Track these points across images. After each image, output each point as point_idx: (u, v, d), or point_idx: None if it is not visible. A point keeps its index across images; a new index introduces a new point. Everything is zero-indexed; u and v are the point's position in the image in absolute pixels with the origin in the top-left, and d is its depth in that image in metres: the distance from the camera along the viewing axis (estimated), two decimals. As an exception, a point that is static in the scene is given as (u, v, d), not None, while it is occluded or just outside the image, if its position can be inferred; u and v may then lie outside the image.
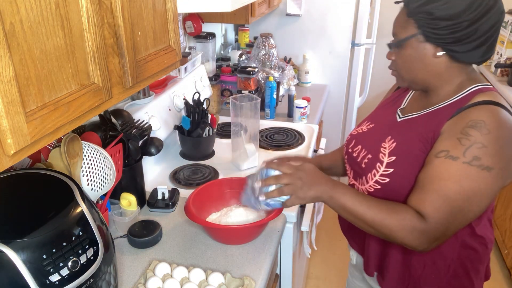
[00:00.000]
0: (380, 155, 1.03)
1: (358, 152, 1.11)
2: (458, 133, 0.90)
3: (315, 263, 2.55)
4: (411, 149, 0.98)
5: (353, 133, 1.18)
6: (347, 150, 1.16)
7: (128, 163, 1.33)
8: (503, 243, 2.49)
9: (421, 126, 0.99)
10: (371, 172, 1.03)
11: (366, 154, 1.07)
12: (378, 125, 1.12)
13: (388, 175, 0.99)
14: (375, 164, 1.03)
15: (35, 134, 0.66)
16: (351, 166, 1.14)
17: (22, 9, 0.62)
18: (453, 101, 0.97)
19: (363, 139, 1.12)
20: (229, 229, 1.20)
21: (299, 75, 2.69)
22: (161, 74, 1.10)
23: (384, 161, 1.01)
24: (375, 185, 1.02)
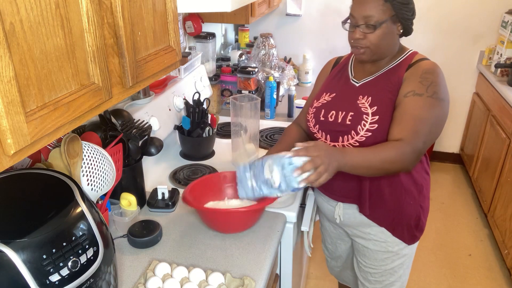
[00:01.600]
0: (361, 109, 1.26)
1: (334, 116, 1.31)
2: (418, 77, 1.22)
3: (315, 263, 2.55)
4: (384, 98, 1.25)
5: (316, 105, 1.37)
6: (318, 120, 1.35)
7: (128, 163, 1.33)
8: (503, 243, 2.49)
9: (383, 81, 1.28)
10: (360, 124, 1.25)
11: (347, 114, 1.28)
12: (340, 93, 1.35)
13: (376, 122, 1.24)
14: (361, 117, 1.26)
15: (35, 134, 0.66)
16: (328, 130, 1.33)
17: (22, 9, 0.62)
18: (401, 60, 1.29)
19: (333, 105, 1.33)
20: (227, 213, 1.23)
21: (299, 75, 2.69)
22: (161, 74, 1.10)
23: (369, 113, 1.25)
24: (366, 134, 1.25)
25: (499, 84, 2.83)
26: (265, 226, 1.30)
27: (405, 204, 1.34)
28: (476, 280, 2.43)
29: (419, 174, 1.36)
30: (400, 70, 1.27)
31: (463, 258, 2.60)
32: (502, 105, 2.70)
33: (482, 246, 2.71)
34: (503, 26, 3.02)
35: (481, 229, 2.87)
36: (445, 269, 2.49)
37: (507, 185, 2.52)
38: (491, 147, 2.87)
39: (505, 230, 2.49)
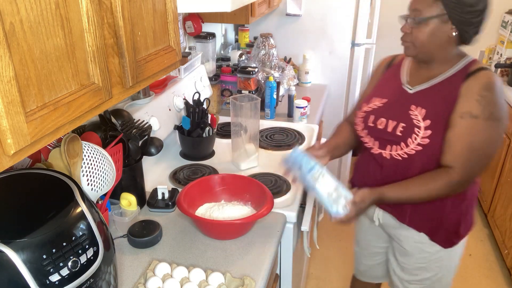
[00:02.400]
0: (413, 121, 1.22)
1: (384, 124, 1.28)
2: (475, 94, 1.14)
3: (315, 263, 2.55)
4: (439, 111, 1.19)
5: (366, 109, 1.34)
6: (366, 125, 1.33)
7: (128, 163, 1.33)
8: (503, 243, 2.49)
9: (438, 92, 1.21)
10: (410, 137, 1.22)
11: (398, 124, 1.25)
12: (391, 99, 1.30)
13: (428, 137, 1.19)
14: (413, 129, 1.21)
15: (35, 134, 0.66)
16: (376, 137, 1.31)
17: (22, 9, 0.62)
18: (457, 69, 1.20)
19: (384, 112, 1.29)
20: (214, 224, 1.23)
21: (299, 75, 2.69)
22: (161, 74, 1.10)
23: (421, 126, 1.20)
24: (417, 147, 1.22)
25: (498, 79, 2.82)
26: (265, 226, 1.30)
27: (447, 212, 1.30)
28: (476, 280, 2.43)
29: None
30: (457, 80, 1.18)
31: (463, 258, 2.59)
32: (502, 105, 2.70)
33: (482, 246, 2.71)
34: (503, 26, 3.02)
35: (481, 229, 2.87)
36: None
37: (507, 185, 2.52)
38: (491, 147, 2.86)
39: (505, 230, 2.49)
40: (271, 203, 1.26)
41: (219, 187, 1.40)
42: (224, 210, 1.30)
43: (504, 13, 3.05)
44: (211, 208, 1.32)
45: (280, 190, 1.52)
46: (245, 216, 1.28)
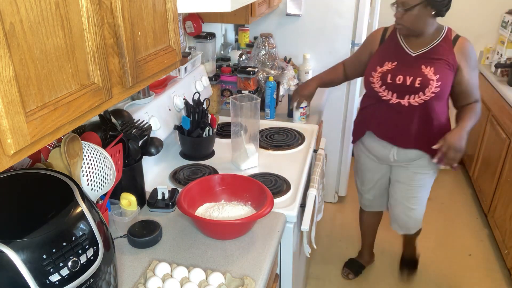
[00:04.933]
0: (428, 75, 1.70)
1: (402, 79, 1.74)
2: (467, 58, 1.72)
3: (315, 263, 2.55)
4: (443, 69, 1.70)
5: (381, 70, 1.79)
6: (385, 82, 1.78)
7: (128, 163, 1.33)
8: (503, 243, 2.49)
9: (436, 53, 1.71)
10: (427, 87, 1.71)
11: (415, 78, 1.72)
12: (400, 61, 1.76)
13: (438, 86, 1.71)
14: (428, 82, 1.71)
15: (35, 134, 0.66)
16: (395, 90, 1.77)
17: (22, 9, 0.62)
18: (443, 37, 1.74)
19: (399, 71, 1.75)
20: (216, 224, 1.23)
21: (299, 75, 2.69)
22: (161, 74, 1.10)
23: (434, 79, 1.70)
24: (431, 95, 1.72)
25: (499, 84, 2.83)
26: (265, 226, 1.31)
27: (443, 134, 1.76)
28: (476, 280, 2.43)
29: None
30: (447, 45, 1.71)
31: (463, 258, 2.60)
32: (502, 105, 2.70)
33: (482, 246, 2.71)
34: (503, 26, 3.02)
35: (481, 229, 2.87)
36: (445, 269, 2.49)
37: (507, 185, 2.52)
38: (491, 147, 2.87)
39: (505, 230, 2.49)
40: (271, 203, 1.26)
41: (219, 187, 1.41)
42: (224, 210, 1.30)
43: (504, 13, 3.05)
44: (211, 208, 1.32)
45: (280, 190, 1.52)
46: (245, 216, 1.28)
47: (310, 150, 1.84)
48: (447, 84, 1.72)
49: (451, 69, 1.70)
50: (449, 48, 1.71)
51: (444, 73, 1.70)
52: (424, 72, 1.71)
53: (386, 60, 1.79)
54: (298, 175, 1.63)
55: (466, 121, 1.73)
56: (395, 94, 1.78)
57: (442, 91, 1.71)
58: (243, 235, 1.27)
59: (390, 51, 1.81)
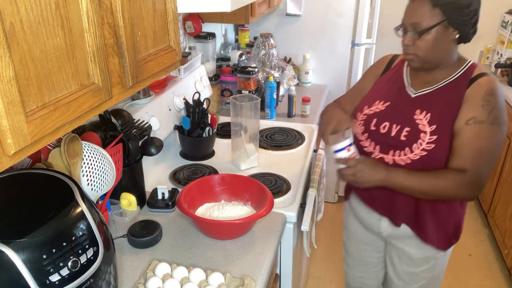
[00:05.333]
0: (419, 126, 1.21)
1: (387, 127, 1.27)
2: (480, 100, 1.15)
3: (315, 263, 2.55)
4: (444, 116, 1.19)
5: (367, 112, 1.33)
6: (368, 129, 1.31)
7: (128, 163, 1.33)
8: (503, 243, 2.49)
9: (442, 97, 1.21)
10: (416, 143, 1.21)
11: (402, 128, 1.24)
12: (394, 102, 1.29)
13: (433, 142, 1.19)
14: (418, 134, 1.21)
15: (35, 134, 0.66)
16: (378, 142, 1.29)
17: (22, 9, 0.62)
18: (460, 74, 1.22)
19: (387, 116, 1.28)
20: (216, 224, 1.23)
21: (299, 75, 2.69)
22: (161, 74, 1.10)
23: (427, 131, 1.20)
24: (422, 153, 1.20)
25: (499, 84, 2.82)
26: (265, 226, 1.30)
27: (450, 218, 1.33)
28: (476, 280, 2.43)
29: None
30: (460, 85, 1.20)
31: (463, 258, 2.60)
32: (502, 105, 2.70)
33: (482, 246, 2.71)
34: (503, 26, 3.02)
35: (481, 229, 2.87)
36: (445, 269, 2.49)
37: (507, 185, 2.52)
38: (491, 147, 2.86)
39: (505, 230, 2.49)
40: (271, 203, 1.26)
41: (219, 187, 1.40)
42: (224, 210, 1.30)
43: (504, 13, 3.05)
44: (211, 208, 1.32)
45: (280, 190, 1.52)
46: (245, 216, 1.28)
47: (310, 150, 1.84)
48: (446, 139, 1.18)
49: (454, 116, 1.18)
50: (461, 88, 1.19)
51: (445, 123, 1.18)
52: (416, 120, 1.22)
53: (378, 99, 1.32)
54: (298, 175, 1.63)
55: (402, 170, 1.20)
56: (378, 147, 1.29)
57: (438, 149, 1.18)
58: (243, 235, 1.27)
59: (386, 86, 1.34)
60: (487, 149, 1.15)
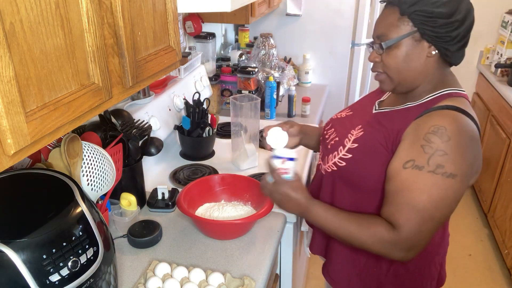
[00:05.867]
0: (345, 140, 1.08)
1: (330, 134, 1.16)
2: (421, 139, 0.92)
3: (315, 263, 2.55)
4: (373, 141, 1.01)
5: (333, 117, 1.24)
6: (323, 132, 1.22)
7: (128, 163, 1.33)
8: (503, 243, 2.49)
9: (390, 121, 1.02)
10: (332, 153, 1.10)
11: (335, 137, 1.13)
12: (355, 113, 1.16)
13: (345, 159, 1.05)
14: (339, 147, 1.08)
15: (35, 134, 0.66)
16: (322, 147, 1.20)
17: (22, 9, 0.62)
18: (423, 101, 0.99)
19: (338, 124, 1.17)
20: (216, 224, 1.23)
21: (299, 75, 2.69)
22: (161, 74, 1.10)
23: (346, 146, 1.06)
24: (333, 166, 1.09)
25: (499, 84, 2.83)
26: (265, 226, 1.31)
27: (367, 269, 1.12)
28: (476, 280, 2.43)
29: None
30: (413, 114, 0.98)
31: (463, 258, 2.60)
32: (502, 105, 2.70)
33: (482, 246, 2.71)
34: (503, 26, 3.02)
35: (481, 229, 2.87)
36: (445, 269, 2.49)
37: (507, 185, 2.52)
38: (491, 147, 2.87)
39: (505, 230, 2.49)
40: (271, 203, 1.26)
41: (219, 187, 1.40)
42: (224, 210, 1.30)
43: (504, 13, 3.05)
44: (211, 208, 1.32)
45: (280, 190, 1.52)
46: (245, 216, 1.28)
47: (310, 150, 1.84)
48: (360, 164, 1.03)
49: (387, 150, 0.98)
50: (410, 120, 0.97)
51: (368, 146, 1.02)
52: (348, 133, 1.08)
53: (349, 107, 1.21)
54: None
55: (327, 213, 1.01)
56: (322, 152, 1.20)
57: (347, 169, 1.05)
58: (243, 235, 1.27)
59: (368, 98, 1.20)
60: (423, 205, 0.90)
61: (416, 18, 0.93)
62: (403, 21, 0.95)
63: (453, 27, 0.92)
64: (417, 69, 0.98)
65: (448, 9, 0.91)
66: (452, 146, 0.89)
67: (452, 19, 0.92)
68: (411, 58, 0.96)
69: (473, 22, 0.97)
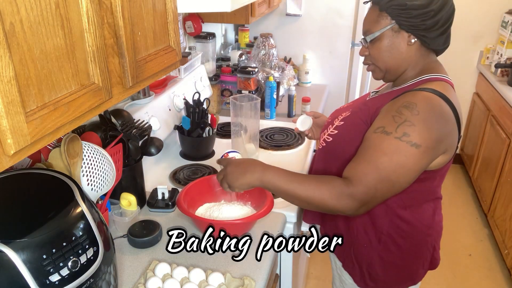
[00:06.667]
0: (335, 119, 1.20)
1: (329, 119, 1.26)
2: (393, 111, 1.01)
3: (315, 263, 2.55)
4: (357, 119, 1.11)
5: (336, 109, 1.32)
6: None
7: (128, 163, 1.33)
8: (503, 243, 2.49)
9: (374, 103, 1.11)
10: (323, 131, 1.23)
11: (329, 119, 1.26)
12: (354, 103, 1.26)
13: (332, 135, 1.17)
14: (329, 125, 1.21)
15: (35, 134, 0.66)
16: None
17: (22, 9, 0.62)
18: (405, 85, 1.10)
19: (337, 112, 1.26)
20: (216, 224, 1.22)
21: (299, 75, 2.69)
22: (161, 74, 1.10)
23: (335, 124, 1.18)
24: (323, 143, 1.21)
25: (499, 84, 2.83)
26: (265, 226, 1.30)
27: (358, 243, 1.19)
28: (476, 280, 2.43)
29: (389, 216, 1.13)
30: (391, 96, 1.07)
31: (463, 258, 2.60)
32: (502, 105, 2.70)
33: (482, 246, 2.71)
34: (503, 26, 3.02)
35: (481, 229, 2.87)
36: (445, 269, 2.49)
37: (507, 185, 2.52)
38: (491, 147, 2.87)
39: (505, 230, 2.49)
40: (271, 203, 1.26)
41: (219, 187, 1.40)
42: (224, 210, 1.30)
43: (504, 13, 3.05)
44: (211, 208, 1.32)
45: (280, 190, 1.52)
46: (245, 216, 1.28)
47: (310, 150, 1.84)
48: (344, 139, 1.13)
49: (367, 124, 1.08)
50: (391, 98, 1.07)
51: (352, 124, 1.13)
52: (340, 115, 1.20)
53: (352, 101, 1.33)
54: (298, 175, 1.63)
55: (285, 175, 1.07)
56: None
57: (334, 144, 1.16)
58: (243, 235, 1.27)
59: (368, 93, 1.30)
60: (383, 166, 0.97)
61: (392, 12, 1.04)
62: (382, 16, 1.06)
63: (428, 17, 1.02)
64: (400, 56, 1.08)
65: (422, 1, 1.01)
66: (420, 119, 0.97)
67: (426, 9, 1.01)
68: (393, 47, 1.08)
69: (451, 9, 1.05)
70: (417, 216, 1.14)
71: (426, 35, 1.04)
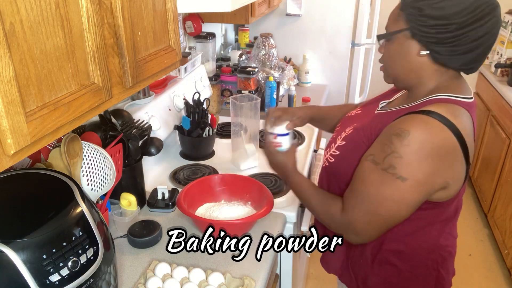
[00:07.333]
0: (338, 137, 1.11)
1: (336, 132, 1.18)
2: (385, 138, 0.93)
3: (315, 263, 2.55)
4: (358, 140, 1.03)
5: (348, 114, 1.23)
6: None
7: (128, 163, 1.33)
8: (503, 243, 2.49)
9: (380, 122, 1.01)
10: (326, 150, 1.16)
11: (334, 135, 1.18)
12: (363, 112, 1.16)
13: (334, 156, 1.09)
14: (331, 144, 1.13)
15: (35, 134, 0.66)
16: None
17: (22, 9, 0.62)
18: (413, 104, 0.98)
19: (346, 121, 1.18)
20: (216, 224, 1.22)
21: (299, 75, 2.69)
22: (161, 74, 1.10)
23: (337, 143, 1.10)
24: (325, 163, 1.14)
25: (499, 84, 2.83)
26: (265, 226, 1.30)
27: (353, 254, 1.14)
28: (476, 280, 2.43)
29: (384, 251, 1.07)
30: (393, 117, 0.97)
31: (463, 258, 2.60)
32: (502, 105, 2.70)
33: (482, 246, 2.71)
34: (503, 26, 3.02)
35: (481, 229, 2.87)
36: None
37: (507, 185, 2.52)
38: (491, 147, 2.87)
39: (505, 230, 2.49)
40: (271, 203, 1.26)
41: (219, 187, 1.40)
42: (224, 210, 1.30)
43: (504, 13, 3.05)
44: (211, 208, 1.32)
45: (280, 190, 1.52)
46: (245, 216, 1.28)
47: (310, 150, 1.84)
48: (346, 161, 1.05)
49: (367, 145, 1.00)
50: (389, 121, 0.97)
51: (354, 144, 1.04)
52: (344, 131, 1.11)
53: (362, 106, 1.21)
54: (298, 175, 1.63)
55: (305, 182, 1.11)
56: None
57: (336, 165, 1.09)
58: (243, 235, 1.27)
59: (380, 98, 1.19)
60: (370, 198, 0.93)
61: (409, 14, 0.92)
62: (400, 16, 0.95)
63: (445, 30, 0.88)
64: (408, 66, 0.97)
65: (445, 11, 0.87)
66: (409, 152, 0.88)
67: (447, 21, 0.87)
68: (401, 55, 0.96)
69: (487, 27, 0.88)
70: (416, 240, 1.05)
71: (438, 50, 0.90)
